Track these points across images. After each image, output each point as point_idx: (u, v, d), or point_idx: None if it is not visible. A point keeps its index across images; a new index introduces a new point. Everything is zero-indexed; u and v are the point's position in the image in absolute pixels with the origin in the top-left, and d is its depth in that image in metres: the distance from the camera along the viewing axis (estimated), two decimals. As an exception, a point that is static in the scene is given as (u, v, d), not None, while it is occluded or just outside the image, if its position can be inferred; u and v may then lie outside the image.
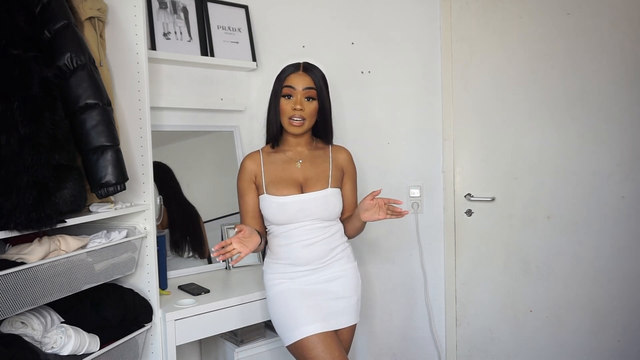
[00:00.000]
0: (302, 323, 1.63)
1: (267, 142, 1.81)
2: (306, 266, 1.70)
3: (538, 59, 2.40)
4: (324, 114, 1.76)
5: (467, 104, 2.49)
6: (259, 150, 1.80)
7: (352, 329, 1.76)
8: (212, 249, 1.55)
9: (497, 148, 2.48)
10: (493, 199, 2.49)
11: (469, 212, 2.52)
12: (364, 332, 2.54)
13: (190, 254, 2.23)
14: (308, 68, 1.74)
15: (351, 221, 1.78)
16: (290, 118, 1.69)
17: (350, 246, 1.82)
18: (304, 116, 1.69)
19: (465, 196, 2.51)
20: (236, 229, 1.55)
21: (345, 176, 1.82)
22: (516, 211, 2.47)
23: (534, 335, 2.49)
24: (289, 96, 1.70)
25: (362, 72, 2.50)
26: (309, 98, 1.71)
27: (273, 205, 1.69)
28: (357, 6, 2.48)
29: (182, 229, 2.21)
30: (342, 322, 1.70)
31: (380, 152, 2.51)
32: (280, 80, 1.73)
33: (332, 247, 1.72)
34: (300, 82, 1.70)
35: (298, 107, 1.68)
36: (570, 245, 2.42)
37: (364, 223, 1.76)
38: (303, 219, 1.69)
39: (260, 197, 1.73)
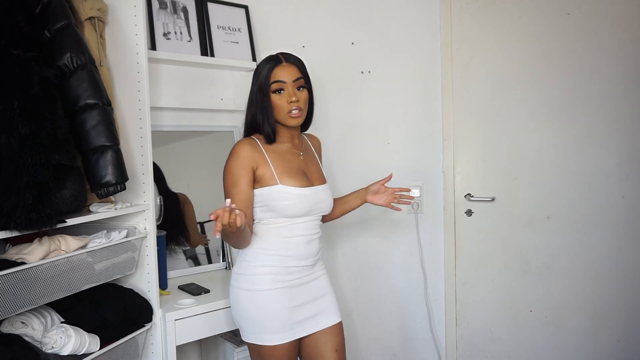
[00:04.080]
0: (281, 329, 1.59)
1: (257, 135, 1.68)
2: (304, 261, 1.64)
3: (538, 59, 2.41)
4: (311, 102, 1.70)
5: (467, 104, 2.49)
6: (254, 138, 1.66)
7: (341, 327, 1.73)
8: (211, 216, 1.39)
9: (496, 148, 2.48)
10: (493, 199, 2.49)
11: (469, 212, 2.52)
12: (364, 332, 2.54)
13: (174, 246, 2.20)
14: (289, 58, 1.66)
15: (346, 202, 1.85)
16: (288, 112, 1.61)
17: None
18: (301, 106, 1.63)
19: (465, 196, 2.51)
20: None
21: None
22: (516, 211, 2.47)
23: (534, 335, 2.49)
24: (279, 91, 1.62)
25: (362, 72, 2.50)
26: (299, 87, 1.64)
27: (293, 197, 1.58)
28: (357, 6, 2.48)
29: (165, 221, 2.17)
30: (329, 321, 1.69)
31: (380, 152, 2.51)
32: (265, 77, 1.62)
33: (320, 245, 1.72)
34: (288, 75, 1.62)
35: (294, 99, 1.60)
36: (570, 245, 2.42)
37: (359, 205, 1.85)
38: (314, 211, 1.65)
39: (270, 187, 1.59)
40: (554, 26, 2.39)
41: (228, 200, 1.37)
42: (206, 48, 2.25)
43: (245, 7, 2.39)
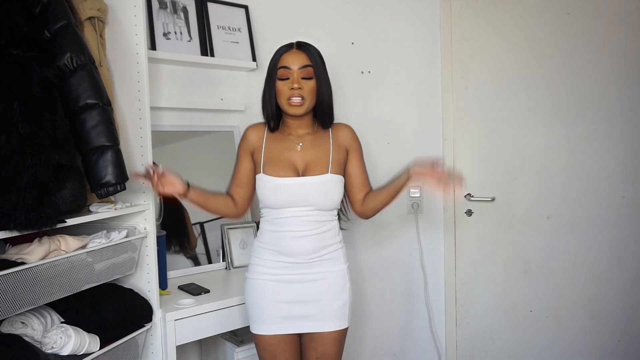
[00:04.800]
0: (263, 320, 1.64)
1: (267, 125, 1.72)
2: (292, 258, 1.62)
3: (538, 59, 2.40)
4: (323, 93, 1.65)
5: (467, 104, 2.49)
6: (264, 124, 1.71)
7: (335, 335, 1.65)
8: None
9: (497, 148, 2.48)
10: (493, 199, 2.49)
11: (469, 212, 2.52)
12: (364, 332, 2.54)
13: (177, 248, 2.21)
14: (302, 45, 1.65)
15: (388, 189, 1.71)
16: (288, 99, 1.60)
17: (344, 248, 1.73)
18: (303, 95, 1.60)
19: (465, 196, 2.51)
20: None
21: (350, 153, 1.72)
22: (516, 211, 2.47)
23: (534, 335, 2.49)
24: (285, 77, 1.61)
25: (362, 72, 2.50)
26: (306, 77, 1.61)
27: (268, 186, 1.61)
28: (357, 6, 2.48)
29: (168, 225, 2.18)
30: (316, 327, 1.64)
31: (380, 152, 2.51)
32: (275, 62, 1.64)
33: (323, 245, 1.63)
34: (295, 61, 1.60)
35: (295, 85, 1.58)
36: (570, 245, 2.42)
37: (401, 189, 1.69)
38: (298, 204, 1.60)
39: (256, 176, 1.67)
40: (554, 26, 2.39)
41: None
42: (206, 48, 2.26)
43: (245, 7, 2.40)
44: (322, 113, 1.69)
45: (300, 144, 1.67)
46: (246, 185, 1.71)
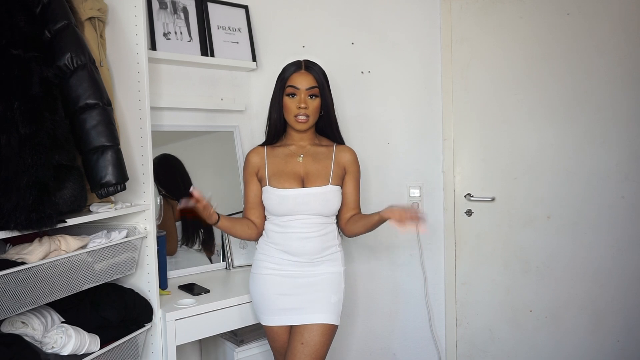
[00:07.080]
0: (271, 312, 1.76)
1: (267, 141, 1.87)
2: (297, 257, 1.76)
3: (538, 59, 2.41)
4: (327, 109, 1.83)
5: (467, 104, 2.49)
6: (263, 147, 1.88)
7: (324, 330, 1.72)
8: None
9: (497, 148, 2.48)
10: (493, 199, 2.49)
11: (469, 212, 2.52)
12: (365, 332, 2.54)
13: (200, 247, 2.24)
14: (309, 66, 1.80)
15: (366, 218, 1.80)
16: (295, 116, 1.76)
17: (342, 252, 1.85)
18: (309, 113, 1.77)
19: (465, 196, 2.51)
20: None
21: (348, 175, 1.85)
22: (516, 211, 2.47)
23: (534, 335, 2.49)
24: (292, 95, 1.77)
25: (362, 72, 2.50)
26: (312, 96, 1.77)
27: (274, 197, 1.76)
28: (357, 6, 2.48)
29: (193, 222, 2.23)
30: (305, 319, 1.72)
31: (380, 152, 2.52)
32: (283, 80, 1.80)
33: (325, 246, 1.78)
34: (303, 82, 1.76)
35: (302, 105, 1.75)
36: (570, 245, 2.42)
37: (379, 223, 1.76)
38: (302, 212, 1.75)
39: (263, 188, 1.81)
40: (554, 26, 2.39)
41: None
42: (206, 48, 2.26)
43: (245, 7, 2.40)
44: (329, 127, 1.86)
45: (302, 156, 1.82)
46: (259, 205, 1.84)
